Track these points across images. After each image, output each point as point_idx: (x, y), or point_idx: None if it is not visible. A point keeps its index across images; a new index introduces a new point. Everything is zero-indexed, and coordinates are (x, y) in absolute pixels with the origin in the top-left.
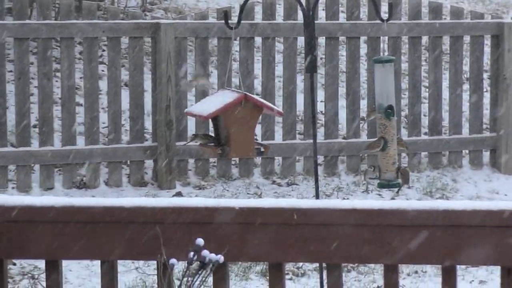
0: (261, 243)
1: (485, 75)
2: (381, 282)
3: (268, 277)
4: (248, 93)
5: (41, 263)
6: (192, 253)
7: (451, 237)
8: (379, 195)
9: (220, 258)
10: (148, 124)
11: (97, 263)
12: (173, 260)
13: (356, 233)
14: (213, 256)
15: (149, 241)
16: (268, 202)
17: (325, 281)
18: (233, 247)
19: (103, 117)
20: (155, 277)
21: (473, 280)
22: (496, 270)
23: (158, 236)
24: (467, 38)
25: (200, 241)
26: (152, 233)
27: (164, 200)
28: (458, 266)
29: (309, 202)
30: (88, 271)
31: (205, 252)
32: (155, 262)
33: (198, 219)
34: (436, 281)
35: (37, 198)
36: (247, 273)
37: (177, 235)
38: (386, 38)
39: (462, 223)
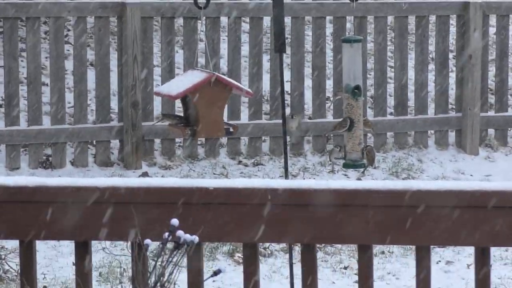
0: (236, 223)
1: (451, 55)
2: (347, 262)
3: (234, 258)
4: (217, 73)
5: (8, 243)
6: (167, 234)
7: (423, 218)
8: (345, 175)
9: (195, 238)
10: (114, 104)
11: (65, 243)
12: (147, 241)
13: (332, 214)
14: (188, 236)
15: (123, 221)
16: (242, 182)
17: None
18: (208, 228)
19: (69, 97)
20: (123, 257)
21: (440, 261)
22: (463, 251)
23: (133, 216)
24: (432, 18)
25: (175, 221)
26: (126, 213)
27: (138, 180)
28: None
29: (283, 183)
30: (55, 252)
31: (180, 233)
32: (121, 242)
33: (173, 199)
34: (403, 262)
35: (10, 178)
36: (214, 254)
37: (152, 215)
38: (352, 18)
39: (435, 204)
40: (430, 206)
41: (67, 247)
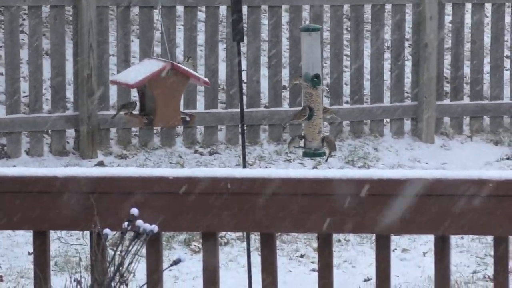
0: (196, 212)
1: (407, 44)
2: (304, 251)
3: (191, 247)
4: (174, 62)
5: None
6: (126, 223)
7: (382, 206)
8: (301, 164)
9: (155, 228)
10: (70, 93)
11: (20, 233)
12: (107, 230)
13: (293, 203)
14: (147, 226)
15: (82, 211)
16: (202, 171)
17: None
18: (167, 217)
19: (24, 86)
20: (79, 247)
21: (396, 249)
22: (419, 239)
23: (92, 206)
24: (388, 7)
25: (134, 211)
26: (86, 203)
27: (99, 170)
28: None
29: (244, 172)
30: (10, 241)
31: (139, 222)
32: (77, 232)
33: (133, 189)
34: (359, 250)
35: None
36: (170, 243)
37: (112, 205)
38: (308, 6)
39: (393, 192)
40: (389, 195)
41: (23, 236)
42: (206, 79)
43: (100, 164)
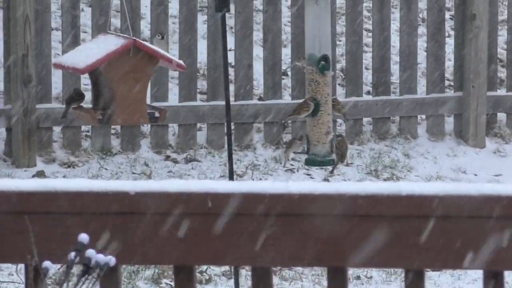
0: (170, 238)
1: (448, 15)
2: None
3: (161, 285)
4: (138, 39)
5: None
6: (73, 254)
7: (418, 232)
8: (308, 175)
9: (111, 259)
10: None
11: None
12: (47, 263)
13: (295, 226)
14: (100, 257)
15: (14, 237)
16: (174, 184)
17: None
18: (128, 245)
19: None
20: (11, 285)
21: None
22: (465, 276)
23: (28, 230)
24: None
25: (84, 237)
26: (19, 226)
27: (34, 182)
28: None
29: (228, 186)
30: None
31: (91, 252)
32: (9, 265)
33: (81, 208)
34: None
35: None
36: (134, 279)
37: (54, 229)
38: None
39: (433, 214)
40: (429, 217)
41: None
42: (181, 62)
43: (40, 174)
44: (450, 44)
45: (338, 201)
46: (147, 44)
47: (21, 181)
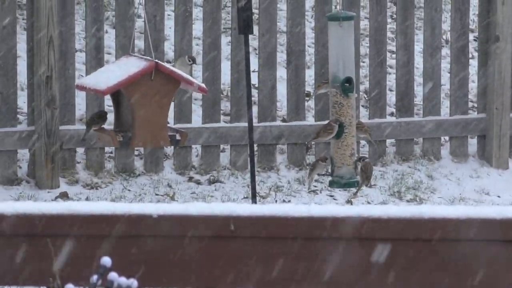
0: (192, 261)
1: (472, 36)
2: None
3: None
4: (160, 62)
5: None
6: (95, 277)
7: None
8: (331, 196)
9: (133, 283)
10: (22, 102)
11: None
12: (69, 286)
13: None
14: (123, 280)
15: (37, 260)
16: (196, 207)
17: None
18: (152, 269)
19: None
20: None
21: None
22: None
23: (50, 253)
24: None
25: (106, 260)
26: (42, 249)
27: (58, 205)
28: None
29: (251, 208)
30: None
31: (113, 275)
32: None
33: (104, 230)
34: None
35: None
36: None
37: (76, 252)
38: None
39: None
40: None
41: None
42: (203, 85)
43: (63, 196)
44: (473, 66)
45: (357, 223)
46: (169, 66)
47: (44, 204)
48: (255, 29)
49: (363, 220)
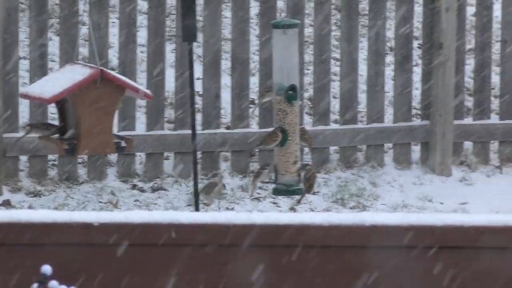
0: (131, 271)
1: (416, 44)
2: None
3: None
4: (105, 69)
5: None
6: (35, 285)
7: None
8: (275, 203)
9: None
10: None
11: None
12: (53, 283)
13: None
14: None
15: None
16: (137, 215)
17: None
18: (92, 277)
19: None
20: None
21: None
22: None
23: None
24: None
25: (46, 268)
26: None
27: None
28: None
29: (193, 216)
30: None
31: (53, 284)
32: None
33: (45, 239)
34: None
35: None
36: None
37: (17, 260)
38: None
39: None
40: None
41: None
42: (148, 91)
43: (6, 203)
44: (417, 73)
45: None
46: (114, 73)
47: None
48: (200, 36)
49: (305, 227)
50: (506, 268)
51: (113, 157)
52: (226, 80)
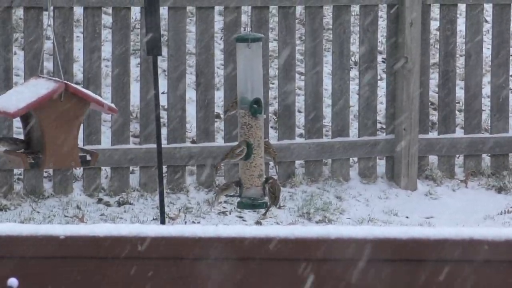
0: (88, 282)
1: (380, 58)
2: None
3: None
4: (69, 83)
5: None
6: None
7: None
8: (240, 217)
9: None
10: None
11: None
12: (13, 280)
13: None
14: None
15: None
16: (104, 228)
17: None
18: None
19: None
20: None
21: None
22: None
23: None
24: (355, 8)
25: (13, 281)
26: None
27: None
28: None
29: (159, 230)
30: None
31: None
32: None
33: (10, 252)
34: None
35: None
36: None
37: None
38: (249, 8)
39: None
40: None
41: None
42: (113, 105)
43: None
44: (382, 87)
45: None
46: (79, 87)
47: None
48: (164, 50)
49: (270, 240)
50: (471, 281)
51: (79, 171)
52: (191, 94)
